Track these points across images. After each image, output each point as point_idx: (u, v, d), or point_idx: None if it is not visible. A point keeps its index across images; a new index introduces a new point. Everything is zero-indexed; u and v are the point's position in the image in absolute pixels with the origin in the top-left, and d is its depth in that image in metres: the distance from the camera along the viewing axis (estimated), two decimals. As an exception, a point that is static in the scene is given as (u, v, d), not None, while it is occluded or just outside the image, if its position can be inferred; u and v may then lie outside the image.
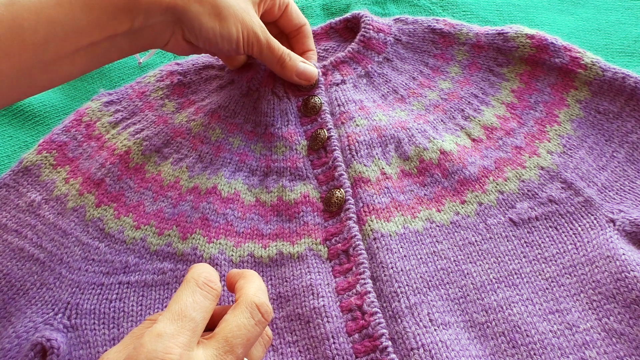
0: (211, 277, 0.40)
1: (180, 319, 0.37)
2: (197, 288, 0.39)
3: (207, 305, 0.38)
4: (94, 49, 0.50)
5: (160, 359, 0.35)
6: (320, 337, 0.47)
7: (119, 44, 0.51)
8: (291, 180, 0.57)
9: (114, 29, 0.49)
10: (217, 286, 0.40)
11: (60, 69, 0.49)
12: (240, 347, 0.37)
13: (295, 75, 0.60)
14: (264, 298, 0.40)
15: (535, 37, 0.61)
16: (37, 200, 0.55)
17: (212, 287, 0.39)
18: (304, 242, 0.53)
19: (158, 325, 0.36)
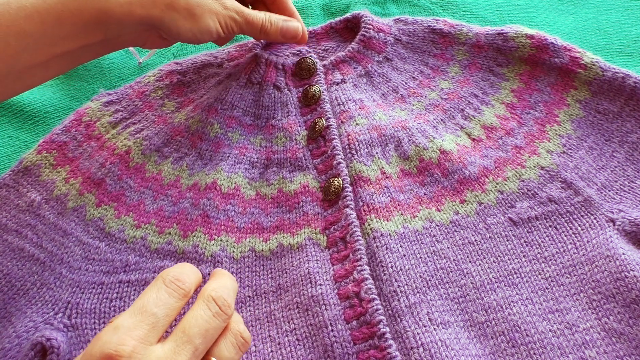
0: (180, 277, 0.40)
1: (140, 313, 0.38)
2: (163, 285, 0.40)
3: (172, 303, 0.39)
4: (68, 56, 0.50)
5: (112, 349, 0.35)
6: (319, 324, 0.47)
7: (93, 49, 0.52)
8: (291, 171, 0.57)
9: (87, 39, 0.50)
10: (185, 285, 0.40)
11: (34, 76, 0.50)
12: (198, 337, 0.38)
13: (280, 36, 0.61)
14: (221, 292, 0.40)
15: (535, 37, 0.62)
16: (37, 200, 0.55)
17: (179, 285, 0.40)
18: (304, 232, 0.53)
19: (118, 319, 0.37)
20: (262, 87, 0.63)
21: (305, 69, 0.63)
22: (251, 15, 0.58)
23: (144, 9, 0.50)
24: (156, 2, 0.51)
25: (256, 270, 0.52)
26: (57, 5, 0.47)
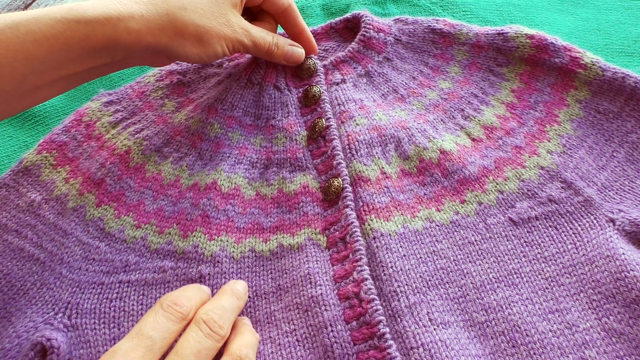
0: (177, 300, 0.43)
1: (137, 336, 0.40)
2: (160, 310, 0.42)
3: (169, 326, 0.41)
4: (74, 76, 0.50)
5: None
6: (319, 325, 0.47)
7: (100, 70, 0.52)
8: (291, 171, 0.57)
9: (94, 62, 0.50)
10: (183, 309, 0.43)
11: (39, 95, 0.50)
12: (190, 358, 0.40)
13: (284, 60, 0.62)
14: (213, 314, 0.43)
15: (535, 37, 0.62)
16: (37, 200, 0.55)
17: (176, 309, 0.42)
18: (304, 233, 0.53)
19: (117, 344, 0.39)
20: (262, 87, 0.63)
21: (306, 69, 0.63)
22: (258, 38, 0.58)
23: (152, 37, 0.50)
24: (164, 29, 0.51)
25: (256, 271, 0.52)
26: (66, 31, 0.47)
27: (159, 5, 0.51)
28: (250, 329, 0.47)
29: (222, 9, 0.54)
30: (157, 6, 0.50)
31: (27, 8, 0.87)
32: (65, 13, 0.47)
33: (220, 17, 0.54)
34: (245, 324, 0.47)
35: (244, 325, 0.47)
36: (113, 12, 0.48)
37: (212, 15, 0.53)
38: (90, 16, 0.48)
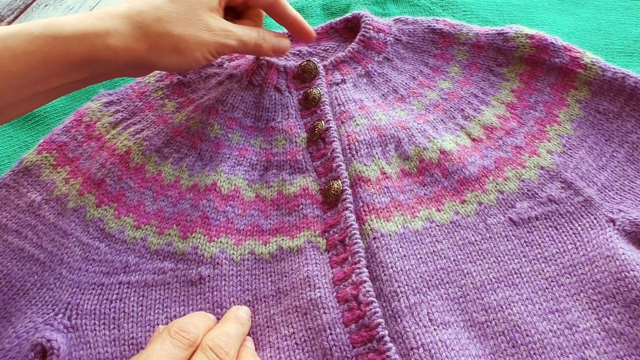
0: (185, 327, 0.44)
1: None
2: (168, 336, 0.43)
3: (177, 353, 0.42)
4: (53, 91, 0.50)
5: None
6: (317, 328, 0.47)
7: (79, 84, 0.52)
8: (291, 173, 0.57)
9: (73, 77, 0.50)
10: (190, 335, 0.43)
11: (17, 110, 0.50)
12: None
13: (272, 52, 0.61)
14: (219, 340, 0.44)
15: (535, 37, 0.62)
16: (38, 200, 0.55)
17: (184, 336, 0.43)
18: (303, 235, 0.53)
19: None
20: (263, 89, 0.63)
21: (308, 72, 0.63)
22: (243, 36, 0.57)
23: (130, 51, 0.50)
24: (140, 42, 0.50)
25: (256, 274, 0.52)
26: (44, 47, 0.47)
27: (134, 18, 0.50)
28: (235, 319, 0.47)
29: (198, 15, 0.53)
30: (132, 19, 0.50)
31: (27, 8, 0.87)
32: (43, 29, 0.47)
33: (197, 24, 0.53)
34: (230, 317, 0.48)
35: (227, 316, 0.48)
36: (90, 28, 0.48)
37: (188, 22, 0.52)
38: (68, 32, 0.47)
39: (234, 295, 0.51)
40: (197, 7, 0.53)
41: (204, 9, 0.53)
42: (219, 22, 0.54)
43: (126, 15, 0.50)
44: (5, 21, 0.85)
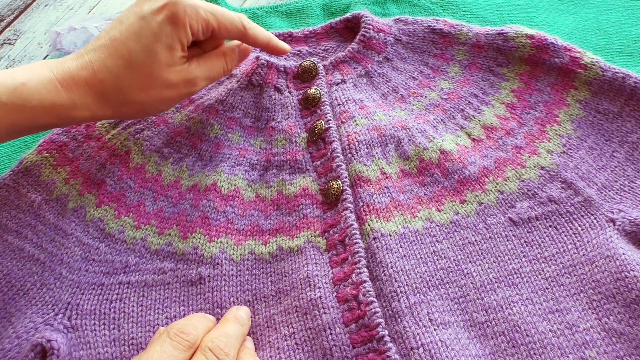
0: (184, 329, 0.44)
1: None
2: (167, 338, 0.43)
3: (177, 355, 0.42)
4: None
5: None
6: (317, 328, 0.47)
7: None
8: (291, 173, 0.57)
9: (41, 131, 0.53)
10: (190, 337, 0.43)
11: None
12: None
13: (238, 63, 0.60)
14: (218, 341, 0.44)
15: (535, 37, 0.62)
16: (38, 200, 0.55)
17: (183, 337, 0.43)
18: (303, 235, 0.53)
19: None
20: (263, 89, 0.63)
21: (308, 71, 0.63)
22: (209, 73, 0.56)
23: (96, 117, 0.52)
24: (105, 109, 0.52)
25: (256, 274, 0.52)
26: (11, 114, 0.48)
27: (97, 88, 0.51)
28: (234, 319, 0.47)
29: (158, 76, 0.52)
30: (94, 89, 0.51)
31: (27, 8, 0.87)
32: (10, 95, 0.47)
33: (158, 85, 0.52)
34: (229, 317, 0.48)
35: (227, 317, 0.48)
36: (57, 101, 0.49)
37: (149, 86, 0.52)
38: (36, 103, 0.48)
39: (234, 295, 0.51)
40: (156, 68, 0.52)
41: (163, 67, 0.52)
42: (180, 74, 0.53)
43: (89, 85, 0.50)
44: (5, 21, 0.85)
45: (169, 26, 0.51)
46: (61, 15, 0.85)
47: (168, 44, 0.51)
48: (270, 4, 0.82)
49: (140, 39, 0.51)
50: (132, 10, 0.52)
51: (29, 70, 0.49)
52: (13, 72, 0.48)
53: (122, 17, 0.52)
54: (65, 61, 0.51)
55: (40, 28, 0.83)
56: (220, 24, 0.54)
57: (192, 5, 0.52)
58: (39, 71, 0.49)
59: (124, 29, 0.51)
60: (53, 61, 0.51)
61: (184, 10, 0.51)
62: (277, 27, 0.77)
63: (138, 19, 0.51)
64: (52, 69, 0.50)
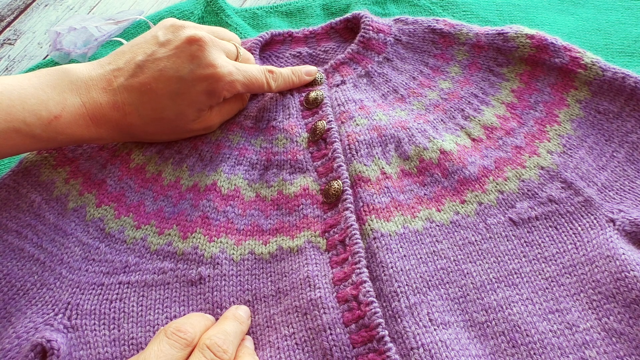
0: (181, 327, 0.44)
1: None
2: (165, 337, 0.43)
3: (174, 353, 0.42)
4: None
5: None
6: (317, 328, 0.47)
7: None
8: (291, 173, 0.57)
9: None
10: (187, 335, 0.43)
11: None
12: None
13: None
14: (216, 339, 0.44)
15: (535, 37, 0.62)
16: (38, 200, 0.55)
17: (180, 336, 0.43)
18: (304, 235, 0.53)
19: None
20: (265, 93, 0.63)
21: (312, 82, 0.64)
22: (227, 117, 0.60)
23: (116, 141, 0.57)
24: (127, 139, 0.57)
25: (256, 274, 0.52)
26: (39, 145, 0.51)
27: (124, 129, 0.55)
28: (233, 317, 0.47)
29: (182, 127, 0.57)
30: (121, 130, 0.55)
31: (27, 8, 0.87)
32: (45, 128, 0.50)
33: (182, 132, 0.58)
34: (229, 315, 0.48)
35: (226, 315, 0.48)
36: (86, 136, 0.53)
37: (173, 133, 0.57)
38: (66, 136, 0.51)
39: (234, 295, 0.51)
40: (182, 124, 0.56)
41: (189, 122, 0.56)
42: (202, 124, 0.58)
43: (118, 125, 0.54)
44: (5, 21, 0.85)
45: (204, 97, 0.55)
46: (61, 15, 0.85)
47: (199, 108, 0.56)
48: (270, 4, 0.82)
49: (176, 100, 0.54)
50: (171, 60, 0.53)
51: (61, 99, 0.50)
52: (45, 102, 0.50)
53: (159, 59, 0.53)
54: (96, 93, 0.52)
55: (40, 28, 0.83)
56: (250, 90, 0.59)
57: (231, 82, 0.55)
58: (71, 102, 0.51)
59: (162, 83, 0.53)
60: (83, 88, 0.52)
61: (223, 87, 0.55)
62: (277, 27, 0.77)
63: (177, 80, 0.53)
64: (84, 102, 0.52)
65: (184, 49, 0.54)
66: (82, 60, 0.72)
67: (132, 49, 0.55)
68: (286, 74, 0.61)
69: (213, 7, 0.77)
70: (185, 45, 0.54)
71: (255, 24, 0.77)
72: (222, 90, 0.55)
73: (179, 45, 0.54)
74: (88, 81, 0.52)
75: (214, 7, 0.77)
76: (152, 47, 0.54)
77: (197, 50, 0.53)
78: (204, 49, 0.54)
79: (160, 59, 0.53)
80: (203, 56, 0.54)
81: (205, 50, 0.54)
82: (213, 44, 0.55)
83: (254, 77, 0.58)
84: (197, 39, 0.54)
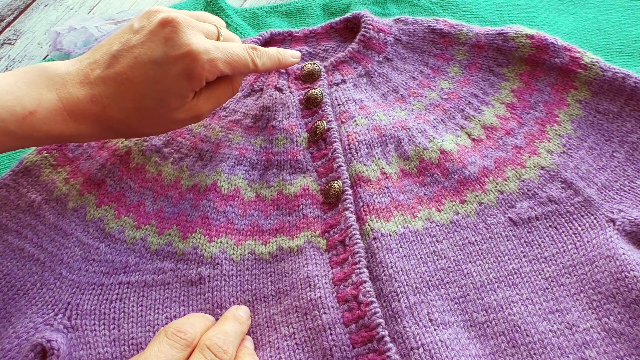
0: (182, 328, 0.44)
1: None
2: (165, 338, 0.43)
3: (174, 354, 0.42)
4: None
5: None
6: (317, 328, 0.47)
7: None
8: (291, 173, 0.57)
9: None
10: (187, 335, 0.43)
11: None
12: None
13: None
14: (216, 339, 0.44)
15: (535, 37, 0.62)
16: (38, 200, 0.55)
17: (181, 336, 0.43)
18: (304, 235, 0.53)
19: None
20: (264, 90, 0.63)
21: (310, 74, 0.63)
22: (217, 104, 0.56)
23: (100, 139, 0.54)
24: (110, 134, 0.53)
25: (256, 274, 0.52)
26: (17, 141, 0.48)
27: (105, 122, 0.51)
28: (233, 317, 0.47)
29: (167, 117, 0.53)
30: (102, 123, 0.51)
31: (27, 8, 0.87)
32: (19, 124, 0.47)
33: (166, 123, 0.53)
34: (229, 316, 0.48)
35: (226, 315, 0.48)
36: (65, 132, 0.50)
37: (157, 124, 0.53)
38: (43, 133, 0.48)
39: (234, 295, 0.51)
40: (165, 112, 0.52)
41: (172, 110, 0.52)
42: (188, 112, 0.53)
43: (97, 119, 0.50)
44: (5, 21, 0.85)
45: (184, 80, 0.51)
46: (61, 15, 0.85)
47: (181, 94, 0.51)
48: (270, 4, 0.82)
49: (154, 87, 0.50)
50: (145, 45, 0.50)
51: (37, 95, 0.48)
52: (20, 98, 0.47)
53: (133, 46, 0.51)
54: (73, 88, 0.50)
55: (40, 28, 0.83)
56: (234, 69, 0.54)
57: (210, 61, 0.51)
58: (47, 98, 0.48)
59: (137, 71, 0.50)
60: (60, 83, 0.49)
61: (202, 67, 0.51)
62: (277, 27, 0.77)
63: (152, 65, 0.50)
64: (61, 97, 0.49)
65: (157, 32, 0.50)
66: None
67: (109, 40, 0.52)
68: (271, 52, 0.57)
69: (213, 7, 0.78)
70: (158, 29, 0.50)
71: (255, 24, 0.77)
72: (201, 70, 0.51)
73: (152, 29, 0.51)
74: (65, 76, 0.50)
75: (214, 7, 0.77)
76: (127, 35, 0.52)
77: (171, 32, 0.50)
78: (178, 29, 0.50)
79: (135, 46, 0.50)
80: (177, 37, 0.50)
81: (180, 31, 0.50)
82: (188, 25, 0.51)
83: (236, 54, 0.53)
84: (169, 20, 0.50)
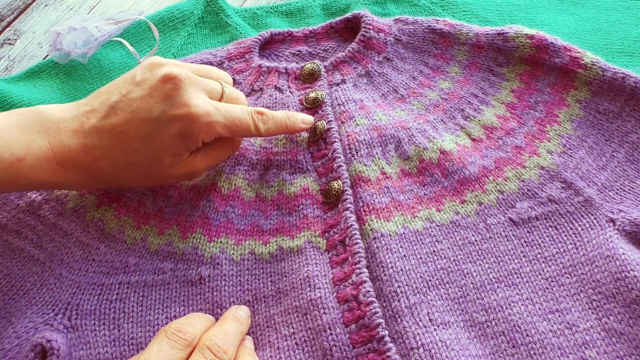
0: (182, 327, 0.44)
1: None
2: (165, 338, 0.43)
3: (174, 354, 0.42)
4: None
5: None
6: (317, 328, 0.47)
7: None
8: (291, 173, 0.57)
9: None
10: (187, 335, 0.44)
11: None
12: None
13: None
14: (216, 339, 0.44)
15: (535, 37, 0.62)
16: (37, 200, 0.55)
17: (180, 336, 0.43)
18: (304, 236, 0.53)
19: None
20: (264, 90, 0.63)
21: (310, 73, 0.63)
22: (213, 165, 0.55)
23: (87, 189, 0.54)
24: (99, 185, 0.53)
25: (256, 274, 0.52)
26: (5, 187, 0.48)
27: (95, 174, 0.50)
28: (233, 317, 0.47)
29: (159, 173, 0.51)
30: (92, 174, 0.50)
31: (27, 8, 0.87)
32: (6, 171, 0.46)
33: (158, 178, 0.52)
34: (229, 316, 0.48)
35: (226, 315, 0.48)
36: (53, 179, 0.49)
37: (149, 178, 0.52)
38: (31, 180, 0.48)
39: (234, 295, 0.51)
40: (158, 170, 0.51)
41: (166, 168, 0.51)
42: (183, 169, 0.52)
43: (87, 170, 0.49)
44: (5, 21, 0.85)
45: (179, 140, 0.50)
46: (61, 15, 0.85)
47: (175, 152, 0.50)
48: (270, 4, 0.82)
49: (149, 144, 0.49)
50: (144, 100, 0.49)
51: (27, 141, 0.47)
52: (10, 143, 0.46)
53: (132, 99, 0.49)
54: (66, 136, 0.49)
55: (40, 28, 0.83)
56: (234, 133, 0.53)
57: (209, 124, 0.50)
58: (38, 144, 0.47)
59: (133, 125, 0.48)
60: (53, 130, 0.48)
61: (199, 129, 0.50)
62: (277, 27, 0.77)
63: (149, 121, 0.48)
64: (52, 145, 0.48)
65: (158, 88, 0.49)
66: (82, 60, 0.72)
67: (109, 88, 0.51)
68: (279, 117, 0.55)
69: (213, 7, 0.78)
70: (159, 84, 0.49)
71: (255, 24, 0.77)
72: (198, 132, 0.50)
73: (153, 84, 0.49)
74: (59, 123, 0.49)
75: (214, 7, 0.78)
76: (128, 86, 0.50)
77: (172, 89, 0.49)
78: (179, 87, 0.49)
79: (134, 99, 0.49)
80: (177, 95, 0.49)
81: (181, 89, 0.49)
82: (190, 82, 0.50)
83: (238, 119, 0.52)
84: (172, 77, 0.49)
